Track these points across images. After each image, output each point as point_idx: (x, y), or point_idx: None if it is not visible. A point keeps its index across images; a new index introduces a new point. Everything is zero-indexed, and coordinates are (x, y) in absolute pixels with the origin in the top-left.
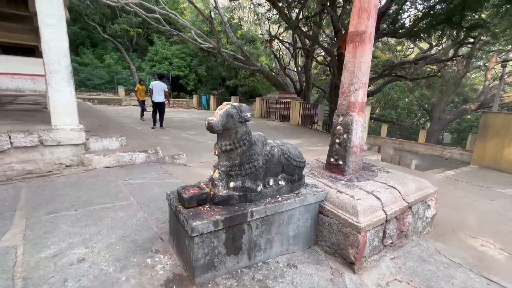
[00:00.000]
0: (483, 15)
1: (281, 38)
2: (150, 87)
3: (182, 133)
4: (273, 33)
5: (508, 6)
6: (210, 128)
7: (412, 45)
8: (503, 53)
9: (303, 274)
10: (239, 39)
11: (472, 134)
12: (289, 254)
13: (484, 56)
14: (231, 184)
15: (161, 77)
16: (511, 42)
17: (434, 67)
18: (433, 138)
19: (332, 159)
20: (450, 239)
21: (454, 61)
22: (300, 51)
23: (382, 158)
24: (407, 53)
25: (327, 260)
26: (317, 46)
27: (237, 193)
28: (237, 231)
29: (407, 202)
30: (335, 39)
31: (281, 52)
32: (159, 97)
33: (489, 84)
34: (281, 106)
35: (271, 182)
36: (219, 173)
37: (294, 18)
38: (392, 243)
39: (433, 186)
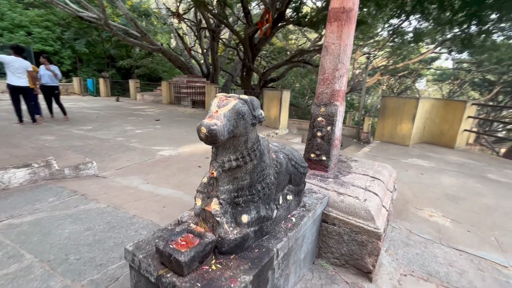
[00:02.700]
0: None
1: (182, 15)
2: None
3: (72, 128)
4: (172, 8)
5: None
6: (212, 138)
7: (300, 35)
8: (366, 47)
9: None
10: (129, 11)
11: (349, 112)
12: (301, 281)
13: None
14: (245, 219)
15: (18, 51)
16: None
17: (318, 55)
18: None
19: (313, 155)
20: (407, 215)
21: None
22: (204, 32)
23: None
24: (299, 43)
25: (338, 274)
26: (223, 26)
27: (252, 229)
28: (262, 286)
29: (390, 191)
30: (246, 20)
31: (182, 31)
32: (17, 79)
33: (356, 71)
34: (192, 91)
35: (280, 200)
36: (220, 203)
37: None
38: (385, 235)
39: (394, 170)
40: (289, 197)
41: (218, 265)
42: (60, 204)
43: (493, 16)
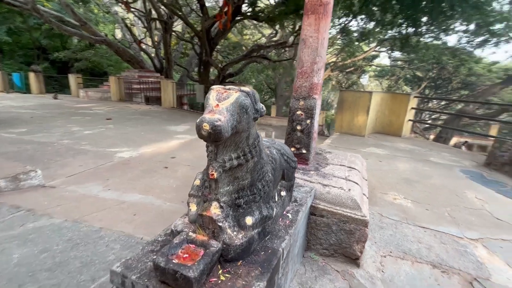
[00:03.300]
0: None
1: (130, 3)
2: None
3: (1, 132)
4: None
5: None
6: (216, 136)
7: (255, 30)
8: None
9: None
10: None
11: None
12: (296, 276)
13: None
14: (249, 221)
15: None
16: None
17: (274, 51)
18: (280, 112)
19: (293, 148)
20: (376, 200)
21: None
22: (155, 23)
23: None
24: (254, 38)
25: (327, 264)
26: (176, 18)
27: (256, 230)
28: None
29: (365, 179)
30: (201, 12)
31: (130, 22)
32: None
33: None
34: (145, 86)
35: (276, 197)
36: (221, 207)
37: None
38: None
39: (363, 159)
40: (283, 193)
41: (226, 275)
42: (2, 224)
43: (425, 19)
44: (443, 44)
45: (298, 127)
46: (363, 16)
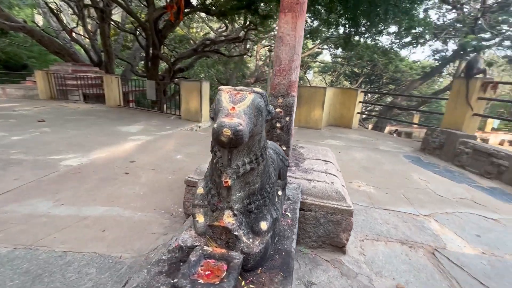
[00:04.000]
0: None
1: None
2: None
3: None
4: None
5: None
6: (237, 141)
7: (203, 24)
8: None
9: (323, 285)
10: None
11: None
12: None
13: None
14: (264, 226)
15: None
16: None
17: (224, 46)
18: None
19: None
20: None
21: (243, 42)
22: (88, 10)
23: None
24: (202, 32)
25: (317, 255)
26: (115, 6)
27: (269, 234)
28: None
29: (339, 171)
30: (146, 2)
31: (56, 8)
32: None
33: (258, 62)
34: (83, 83)
35: (276, 198)
36: (235, 215)
37: None
38: None
39: (333, 152)
40: (279, 192)
41: (251, 286)
42: None
43: (364, 21)
44: (376, 44)
45: (278, 125)
46: (310, 15)
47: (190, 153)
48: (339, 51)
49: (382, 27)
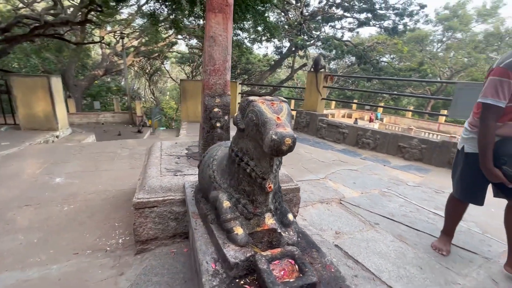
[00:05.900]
0: None
1: None
2: None
3: None
4: None
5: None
6: (293, 148)
7: None
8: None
9: None
10: None
11: (115, 98)
12: None
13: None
14: (291, 217)
15: None
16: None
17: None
18: (80, 107)
19: None
20: None
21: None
22: None
23: None
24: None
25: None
26: None
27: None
28: None
29: None
30: None
31: None
32: None
33: (105, 51)
34: None
35: None
36: (273, 215)
37: None
38: None
39: None
40: None
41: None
42: None
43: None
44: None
45: (218, 124)
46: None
47: (73, 173)
48: (194, 42)
49: (243, 25)
